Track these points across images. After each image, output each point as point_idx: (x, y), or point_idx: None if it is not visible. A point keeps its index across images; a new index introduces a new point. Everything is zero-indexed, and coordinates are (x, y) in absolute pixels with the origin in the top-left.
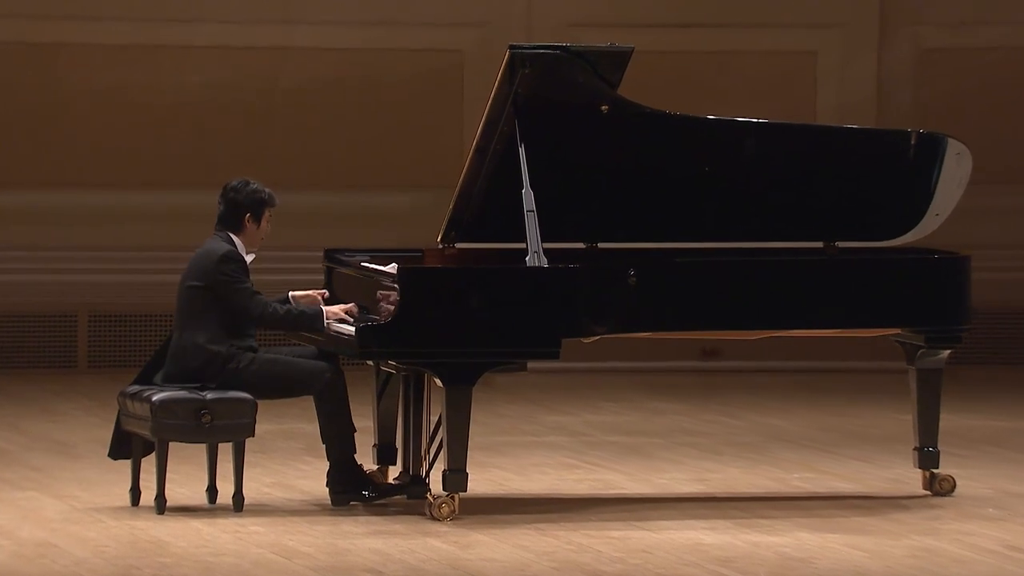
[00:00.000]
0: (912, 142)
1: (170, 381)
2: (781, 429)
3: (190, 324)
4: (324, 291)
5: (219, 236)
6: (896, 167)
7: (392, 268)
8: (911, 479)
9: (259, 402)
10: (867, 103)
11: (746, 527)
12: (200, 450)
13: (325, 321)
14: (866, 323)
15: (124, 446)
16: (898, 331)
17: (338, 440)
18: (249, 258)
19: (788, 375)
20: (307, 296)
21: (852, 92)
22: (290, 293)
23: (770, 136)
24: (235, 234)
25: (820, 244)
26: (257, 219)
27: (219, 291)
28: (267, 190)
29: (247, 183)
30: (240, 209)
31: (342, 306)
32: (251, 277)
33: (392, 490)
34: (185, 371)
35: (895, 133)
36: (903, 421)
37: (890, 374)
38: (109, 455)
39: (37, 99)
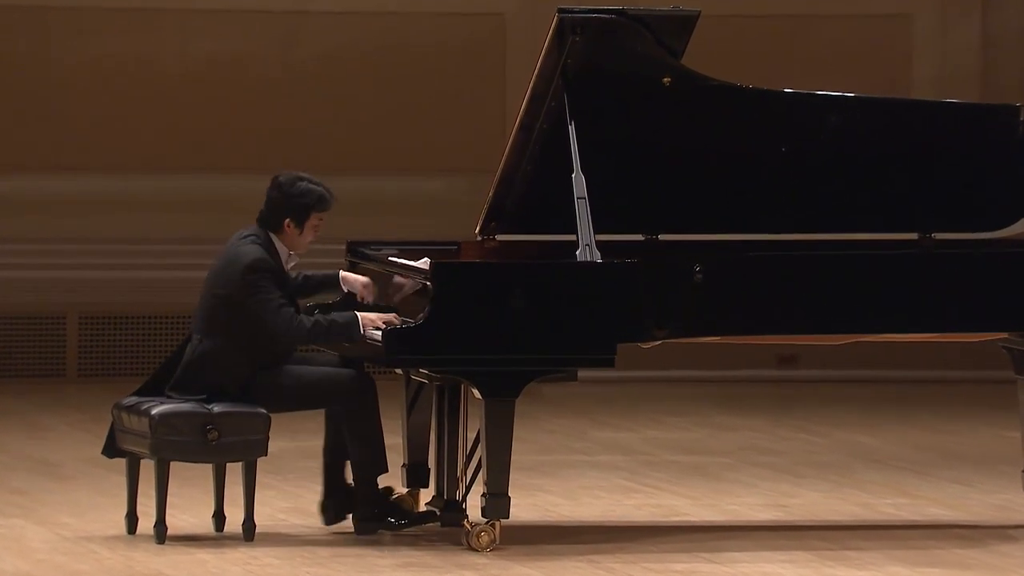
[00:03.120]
0: (1022, 118)
1: (180, 391)
2: (868, 447)
3: (210, 333)
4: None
5: (255, 235)
6: (1003, 147)
7: (424, 263)
8: (1020, 505)
9: (273, 416)
10: (970, 74)
11: (830, 560)
12: (206, 471)
13: (361, 329)
14: (967, 326)
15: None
16: (1004, 336)
17: (364, 460)
18: (292, 262)
19: (876, 386)
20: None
21: (953, 61)
22: (341, 273)
23: (857, 112)
24: (274, 233)
25: (914, 236)
26: (299, 224)
27: (244, 303)
28: (318, 190)
29: (296, 180)
30: (280, 211)
31: (380, 315)
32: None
33: (424, 517)
34: (197, 385)
35: (1002, 108)
36: (1010, 439)
37: (994, 384)
38: (103, 452)
39: (20, 70)
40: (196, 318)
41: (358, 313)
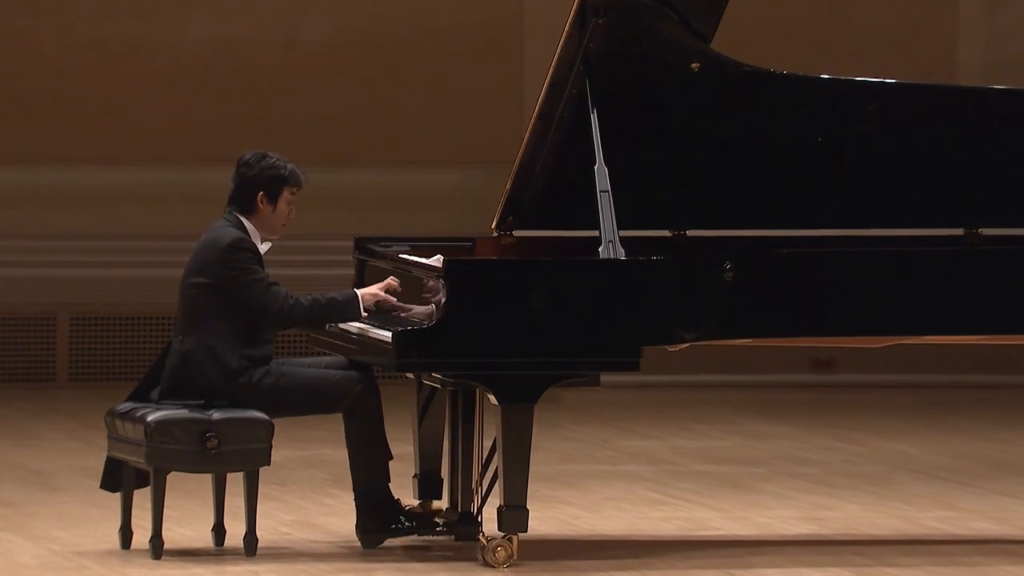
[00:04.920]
0: None
1: (168, 399)
2: (910, 457)
3: (193, 331)
4: (394, 279)
5: (227, 220)
6: None
7: (437, 261)
8: None
9: (276, 423)
10: (1018, 58)
11: None
12: (205, 481)
13: (362, 306)
14: (1016, 328)
15: (120, 474)
16: None
17: (370, 469)
18: (265, 247)
19: (919, 391)
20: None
21: (1001, 45)
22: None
23: (898, 100)
24: (246, 216)
25: (960, 231)
26: (273, 199)
27: (228, 287)
28: (289, 165)
29: (264, 156)
30: (252, 187)
31: (377, 284)
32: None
33: (436, 530)
34: (186, 388)
35: None
36: None
37: None
38: (102, 486)
39: (7, 57)
40: (177, 319)
41: (358, 291)
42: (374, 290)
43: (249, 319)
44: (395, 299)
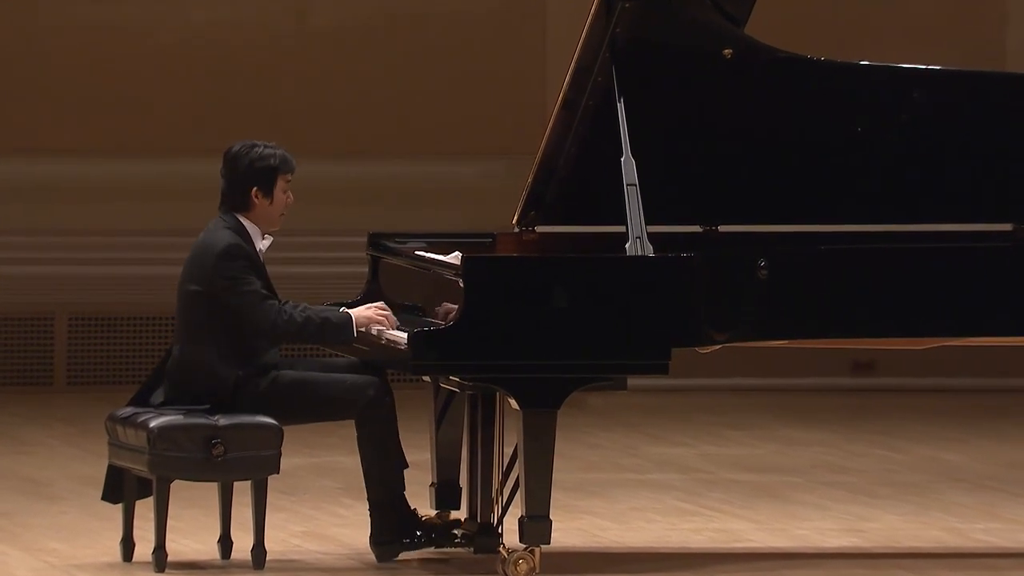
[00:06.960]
0: None
1: (170, 404)
2: (955, 465)
3: (192, 338)
4: (381, 303)
5: (223, 220)
6: None
7: (455, 258)
8: None
9: (285, 429)
10: None
11: None
12: (211, 490)
13: (355, 329)
14: None
15: (122, 485)
16: None
17: (384, 478)
18: (266, 243)
19: (964, 396)
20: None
21: None
22: (341, 310)
23: (944, 87)
24: (243, 213)
25: (1008, 226)
26: (268, 192)
27: (221, 298)
28: (279, 152)
29: (251, 147)
30: (244, 183)
31: (377, 310)
32: (270, 269)
33: (455, 542)
34: (187, 395)
35: None
36: None
37: None
38: (104, 497)
39: (1, 42)
40: (175, 323)
41: (352, 313)
42: (370, 314)
43: (244, 328)
44: (388, 328)
